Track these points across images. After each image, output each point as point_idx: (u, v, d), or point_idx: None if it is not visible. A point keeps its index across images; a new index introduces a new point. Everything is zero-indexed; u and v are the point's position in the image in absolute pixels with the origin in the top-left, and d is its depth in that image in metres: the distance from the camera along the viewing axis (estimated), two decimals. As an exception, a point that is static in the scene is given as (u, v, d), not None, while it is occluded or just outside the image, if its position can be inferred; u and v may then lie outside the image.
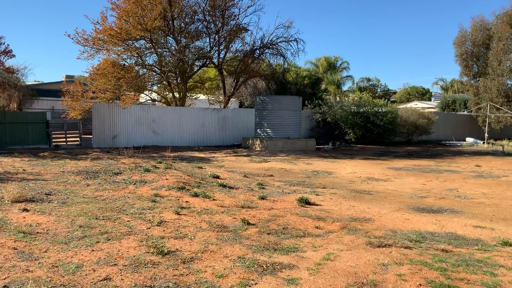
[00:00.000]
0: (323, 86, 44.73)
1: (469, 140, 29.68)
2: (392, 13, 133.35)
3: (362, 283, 4.23)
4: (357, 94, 30.33)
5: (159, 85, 26.85)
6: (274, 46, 26.51)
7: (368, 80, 59.10)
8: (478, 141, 29.10)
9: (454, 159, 18.81)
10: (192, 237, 5.78)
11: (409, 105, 43.75)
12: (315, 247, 5.45)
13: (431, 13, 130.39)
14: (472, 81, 33.13)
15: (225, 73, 27.22)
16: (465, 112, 33.13)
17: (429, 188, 11.22)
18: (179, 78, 24.77)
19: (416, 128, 27.64)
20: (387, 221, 7.28)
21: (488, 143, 28.03)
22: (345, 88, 52.76)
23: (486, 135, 29.29)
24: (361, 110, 25.55)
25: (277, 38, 26.45)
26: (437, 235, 6.41)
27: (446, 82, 60.35)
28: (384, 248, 5.38)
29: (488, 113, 30.07)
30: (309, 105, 27.37)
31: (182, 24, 24.30)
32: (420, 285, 4.19)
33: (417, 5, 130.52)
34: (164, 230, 6.09)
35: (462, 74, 33.56)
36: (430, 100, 55.37)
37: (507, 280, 4.37)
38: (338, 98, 44.10)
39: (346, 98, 30.86)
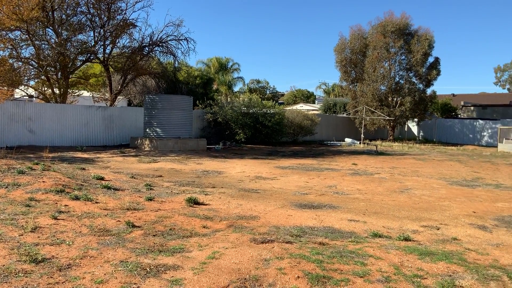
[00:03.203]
0: (214, 87, 45.07)
1: (348, 140, 32.11)
2: (280, 16, 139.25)
3: (245, 279, 4.36)
4: (247, 95, 31.09)
5: (36, 80, 24.74)
6: (164, 44, 25.98)
7: (258, 82, 61.00)
8: (356, 141, 31.62)
9: (334, 158, 20.23)
10: (71, 243, 5.44)
11: (295, 107, 45.98)
12: (201, 247, 5.48)
13: (316, 20, 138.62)
14: (350, 86, 35.95)
15: (111, 69, 25.99)
16: (345, 115, 35.85)
17: (311, 185, 11.92)
18: (59, 73, 23.05)
19: (301, 129, 29.17)
20: (272, 217, 7.58)
21: (364, 143, 30.64)
22: (236, 89, 53.86)
23: (362, 136, 31.98)
24: (251, 111, 26.26)
25: (167, 36, 25.96)
26: (316, 229, 6.84)
27: (328, 86, 64.76)
28: (267, 244, 5.60)
29: (364, 115, 32.88)
30: (200, 105, 27.38)
31: (64, 15, 22.68)
32: (298, 277, 4.43)
33: (302, 11, 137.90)
34: (38, 237, 5.64)
35: (342, 79, 36.28)
36: (314, 102, 58.72)
37: (375, 269, 4.81)
38: (229, 99, 44.73)
39: (237, 99, 31.48)
